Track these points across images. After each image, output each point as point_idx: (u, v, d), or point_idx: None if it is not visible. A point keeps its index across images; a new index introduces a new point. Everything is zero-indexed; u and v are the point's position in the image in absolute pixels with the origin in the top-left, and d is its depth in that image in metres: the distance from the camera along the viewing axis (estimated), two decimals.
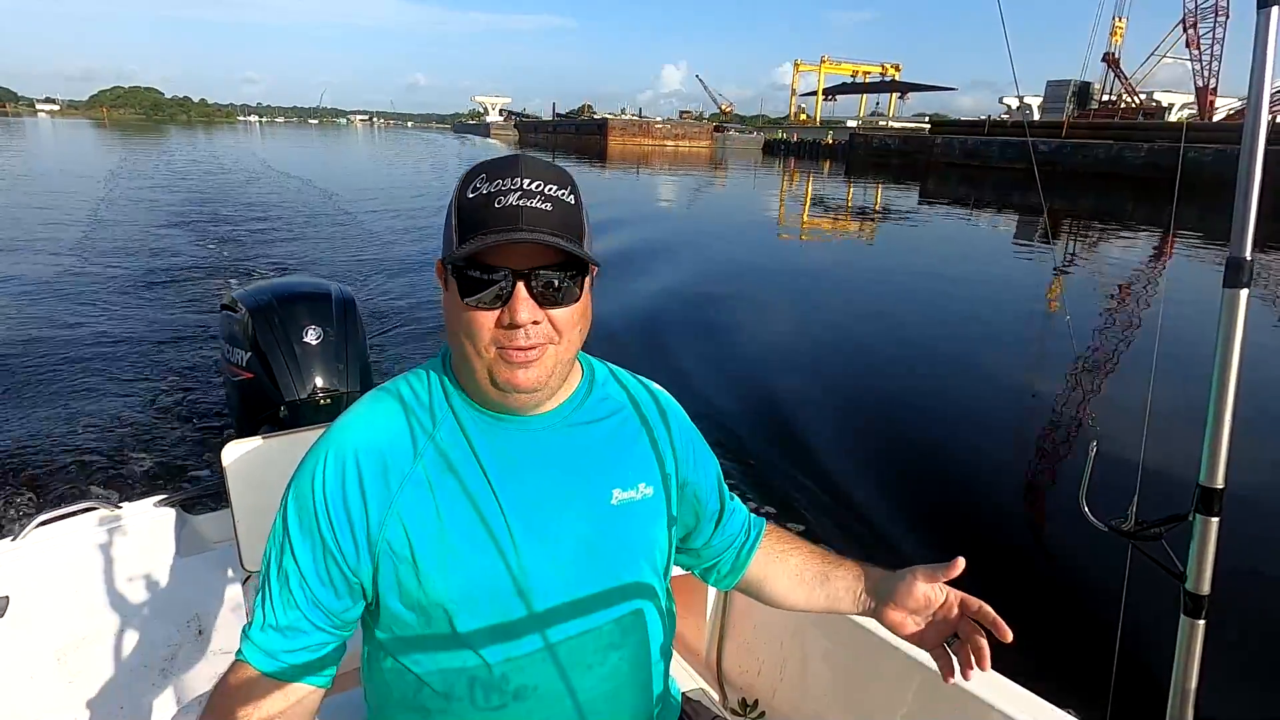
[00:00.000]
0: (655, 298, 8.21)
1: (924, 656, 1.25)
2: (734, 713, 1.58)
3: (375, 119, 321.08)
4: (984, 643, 0.86)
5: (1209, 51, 40.57)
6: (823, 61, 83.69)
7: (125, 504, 1.90)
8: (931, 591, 0.94)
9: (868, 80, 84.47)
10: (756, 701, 1.57)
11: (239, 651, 0.86)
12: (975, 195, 26.60)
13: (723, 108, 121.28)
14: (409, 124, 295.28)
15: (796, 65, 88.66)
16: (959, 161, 41.26)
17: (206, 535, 1.98)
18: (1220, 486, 0.77)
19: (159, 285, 8.13)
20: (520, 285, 0.78)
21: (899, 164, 44.08)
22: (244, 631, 0.86)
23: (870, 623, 1.35)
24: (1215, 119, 39.88)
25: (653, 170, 37.60)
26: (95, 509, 1.82)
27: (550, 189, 0.79)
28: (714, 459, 1.07)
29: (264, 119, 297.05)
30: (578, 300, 0.83)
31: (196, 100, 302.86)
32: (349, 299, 2.76)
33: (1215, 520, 0.77)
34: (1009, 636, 0.85)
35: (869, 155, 49.78)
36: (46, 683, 1.45)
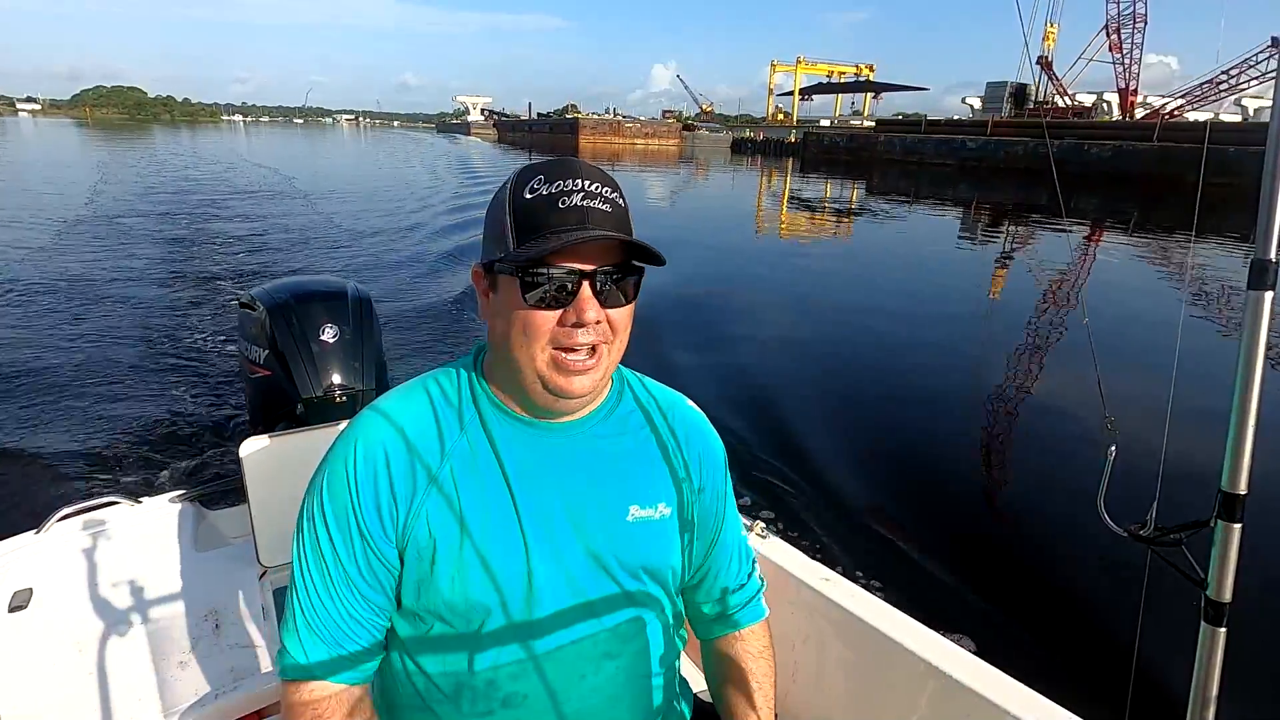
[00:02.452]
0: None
1: (939, 661, 1.25)
2: None
3: (361, 119, 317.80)
4: None
5: (1129, 55, 43.76)
6: (798, 62, 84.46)
7: (145, 499, 1.92)
8: None
9: (843, 80, 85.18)
10: None
11: (286, 670, 0.85)
12: (915, 189, 28.67)
13: (704, 107, 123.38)
14: (395, 124, 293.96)
15: (773, 65, 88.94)
16: (899, 158, 44.35)
17: (224, 530, 2.00)
18: (1243, 492, 0.76)
19: (177, 284, 8.25)
20: (585, 284, 0.79)
21: (847, 160, 46.88)
22: (290, 645, 0.85)
23: (884, 626, 1.34)
24: (1137, 116, 42.83)
25: (620, 167, 38.21)
26: (116, 503, 1.85)
27: (607, 191, 0.81)
28: (730, 498, 1.05)
29: (248, 118, 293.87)
30: (632, 301, 0.85)
31: (180, 100, 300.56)
32: (365, 298, 2.79)
33: (1237, 526, 0.76)
34: None
35: (820, 153, 52.53)
36: (66, 674, 1.47)
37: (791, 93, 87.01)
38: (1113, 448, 0.90)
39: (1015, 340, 7.55)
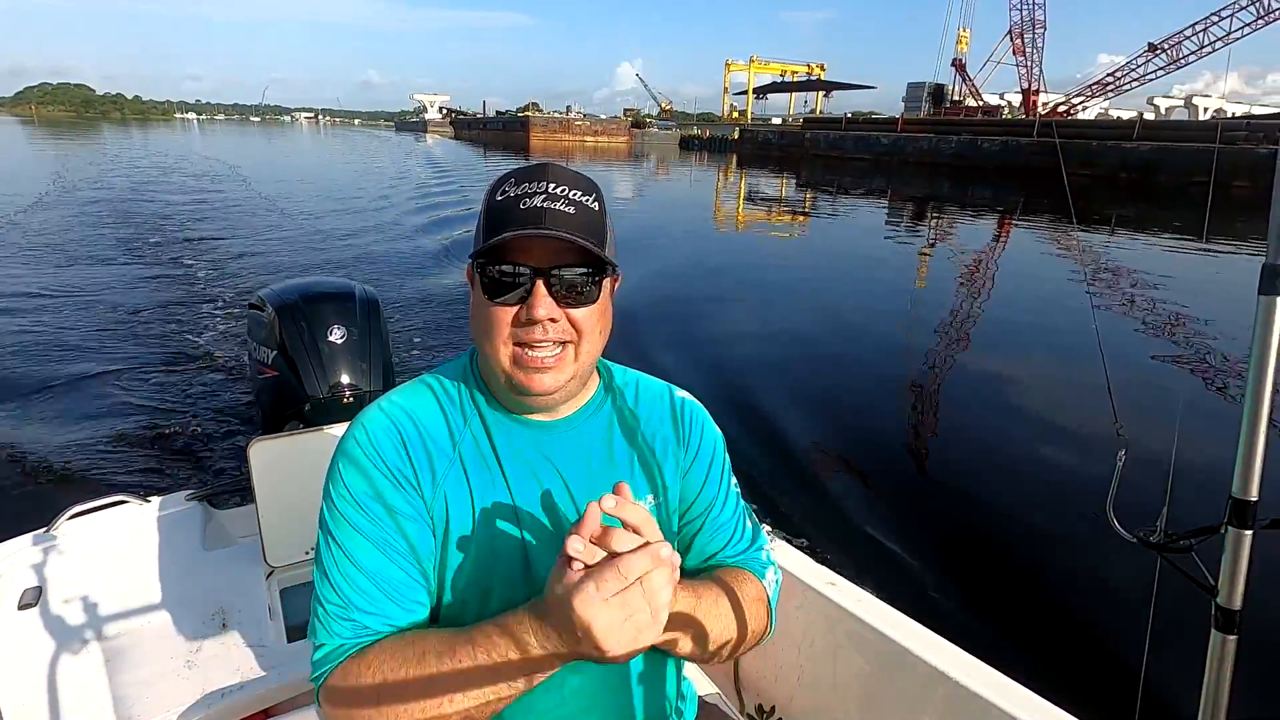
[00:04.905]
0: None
1: (947, 667, 1.24)
2: (750, 718, 1.57)
3: (321, 117, 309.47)
4: None
5: (1031, 58, 47.45)
6: (752, 61, 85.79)
7: (154, 498, 1.94)
8: None
9: (795, 80, 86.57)
10: (774, 707, 1.56)
11: (325, 661, 0.80)
12: (837, 181, 31.11)
13: (663, 105, 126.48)
14: (356, 121, 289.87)
15: (728, 65, 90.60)
16: (823, 153, 48.19)
17: (232, 530, 2.01)
18: (1254, 498, 0.75)
19: (186, 282, 8.31)
20: (540, 283, 0.81)
21: (778, 156, 50.88)
22: (320, 643, 0.81)
23: (892, 631, 1.34)
24: (1040, 115, 46.53)
25: (568, 163, 39.10)
26: (125, 502, 1.86)
27: (574, 194, 0.82)
28: (731, 484, 1.04)
29: (202, 116, 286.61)
30: (596, 301, 0.85)
31: (130, 97, 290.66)
32: (373, 299, 2.80)
33: (1249, 533, 0.75)
34: None
35: (755, 149, 56.61)
36: (75, 671, 1.48)
37: (742, 92, 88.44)
38: (1123, 452, 0.89)
39: (1018, 340, 7.52)
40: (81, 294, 7.64)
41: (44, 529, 1.75)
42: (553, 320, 0.82)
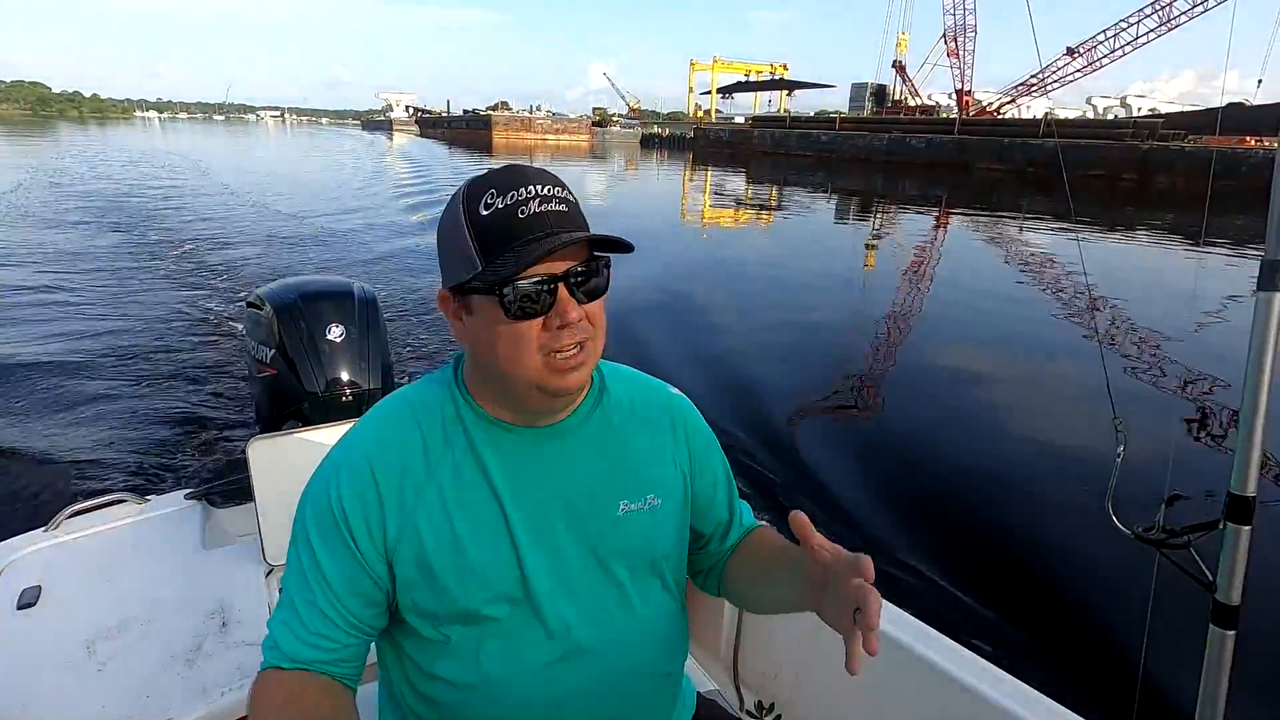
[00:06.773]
0: None
1: (946, 663, 1.24)
2: (750, 715, 1.57)
3: (287, 115, 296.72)
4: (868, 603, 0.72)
5: (965, 61, 50.12)
6: (715, 61, 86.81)
7: (153, 497, 1.94)
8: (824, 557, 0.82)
9: (759, 79, 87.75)
10: (774, 704, 1.56)
11: (266, 662, 0.86)
12: (783, 177, 33.06)
13: (631, 105, 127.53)
14: (324, 120, 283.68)
15: (692, 64, 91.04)
16: (769, 150, 51.23)
17: (231, 529, 2.02)
18: (1252, 494, 0.75)
19: (186, 282, 8.29)
20: (561, 287, 0.80)
21: (730, 153, 53.74)
22: (270, 642, 0.87)
23: (892, 628, 1.34)
24: (971, 114, 49.88)
25: (531, 161, 39.41)
26: (124, 501, 1.86)
27: (558, 191, 0.82)
28: (725, 470, 1.06)
29: (164, 114, 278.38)
30: (606, 291, 0.85)
31: (89, 95, 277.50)
32: (371, 298, 2.80)
33: (1247, 529, 0.76)
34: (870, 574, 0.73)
35: (708, 146, 59.91)
36: (75, 671, 1.48)
37: (706, 92, 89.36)
38: (1121, 449, 0.90)
39: (1017, 337, 7.53)
40: (78, 293, 7.62)
41: (43, 528, 1.75)
42: (579, 320, 0.81)
